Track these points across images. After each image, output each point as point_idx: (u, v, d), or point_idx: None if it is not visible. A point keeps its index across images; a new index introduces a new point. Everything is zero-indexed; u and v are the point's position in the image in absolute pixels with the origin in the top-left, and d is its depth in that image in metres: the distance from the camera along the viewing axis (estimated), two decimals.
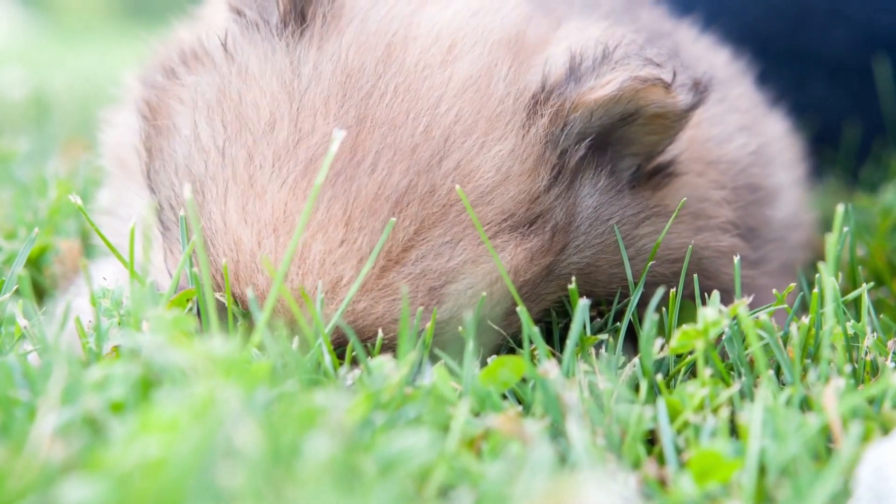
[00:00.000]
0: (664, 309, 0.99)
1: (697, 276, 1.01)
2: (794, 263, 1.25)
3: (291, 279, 0.91)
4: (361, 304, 0.92)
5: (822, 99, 1.83)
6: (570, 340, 0.90)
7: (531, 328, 0.90)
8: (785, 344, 0.95)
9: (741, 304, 0.89)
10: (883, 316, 1.09)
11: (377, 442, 0.73)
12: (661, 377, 0.90)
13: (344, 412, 0.72)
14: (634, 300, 0.99)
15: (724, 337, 0.93)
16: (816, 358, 0.93)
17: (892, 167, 1.79)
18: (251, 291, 0.88)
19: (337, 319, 0.90)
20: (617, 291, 1.02)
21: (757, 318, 0.93)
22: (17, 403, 0.76)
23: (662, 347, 0.93)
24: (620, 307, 1.02)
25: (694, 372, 0.92)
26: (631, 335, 0.99)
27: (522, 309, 0.91)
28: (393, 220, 0.90)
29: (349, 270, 0.91)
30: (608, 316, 1.02)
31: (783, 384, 0.92)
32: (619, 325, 0.99)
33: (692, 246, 1.03)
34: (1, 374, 0.77)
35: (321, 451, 0.65)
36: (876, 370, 0.93)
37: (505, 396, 0.89)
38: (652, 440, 0.85)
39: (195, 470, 0.62)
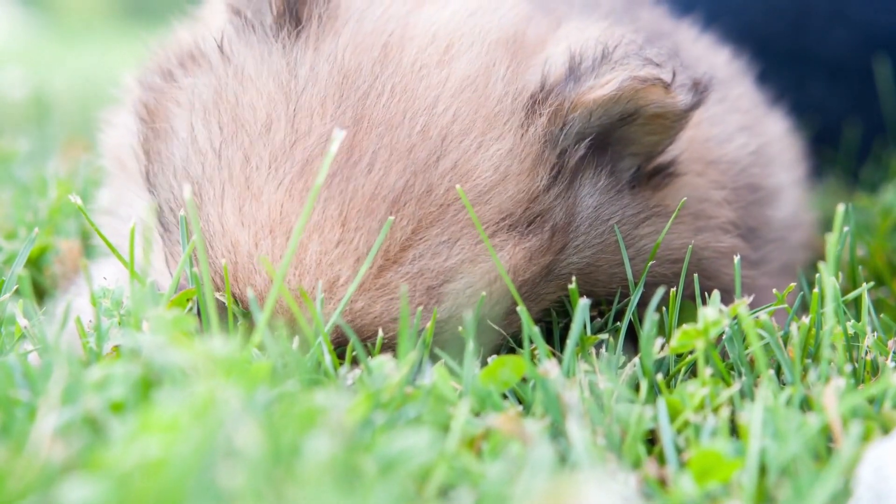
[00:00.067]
0: (664, 309, 0.99)
1: (698, 276, 1.01)
2: (794, 263, 1.25)
3: (289, 279, 0.91)
4: (359, 303, 0.92)
5: (822, 99, 1.83)
6: (570, 340, 0.90)
7: (531, 328, 0.90)
8: (785, 344, 0.95)
9: (741, 303, 0.89)
10: (883, 315, 1.09)
11: (377, 442, 0.73)
12: (661, 377, 0.90)
13: (344, 412, 0.72)
14: (634, 300, 0.99)
15: (724, 337, 0.93)
16: (817, 358, 0.93)
17: (892, 167, 1.79)
18: (251, 291, 0.88)
19: (336, 319, 0.90)
20: (617, 291, 1.02)
21: (757, 317, 0.93)
22: (17, 403, 0.76)
23: (663, 347, 0.93)
24: (621, 307, 1.02)
25: (694, 372, 0.92)
26: (631, 335, 0.99)
27: (522, 308, 0.91)
28: (391, 218, 0.90)
29: (346, 270, 0.91)
30: (608, 316, 1.02)
31: (783, 384, 0.92)
32: (619, 324, 0.99)
33: (693, 246, 1.03)
34: (1, 374, 0.77)
35: (321, 451, 0.65)
36: (876, 370, 0.93)
37: (505, 396, 0.89)
38: (652, 440, 0.85)
39: (195, 470, 0.62)
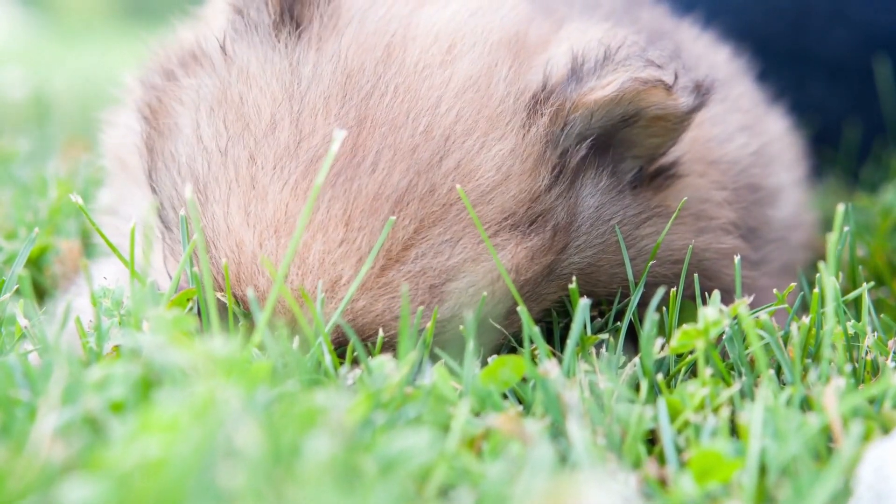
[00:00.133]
0: (665, 309, 0.99)
1: (698, 276, 1.01)
2: (794, 263, 1.25)
3: (291, 279, 0.91)
4: (361, 302, 0.92)
5: (822, 99, 1.83)
6: (570, 340, 0.90)
7: (532, 328, 0.90)
8: (785, 344, 0.95)
9: (742, 303, 0.89)
10: (883, 315, 1.09)
11: (377, 442, 0.73)
12: (661, 377, 0.90)
13: (344, 412, 0.72)
14: (635, 300, 0.99)
15: (724, 337, 0.93)
16: (817, 358, 0.93)
17: (892, 167, 1.79)
18: (251, 292, 0.88)
19: (336, 318, 0.90)
20: (618, 291, 1.02)
21: (757, 317, 0.93)
22: (17, 403, 0.76)
23: (663, 347, 0.93)
24: (621, 307, 1.02)
25: (694, 372, 0.92)
26: (631, 335, 0.99)
27: (523, 308, 0.91)
28: (392, 218, 0.90)
29: (348, 270, 0.91)
30: (609, 316, 1.02)
31: (784, 384, 0.92)
32: (619, 324, 0.99)
33: (694, 247, 1.03)
34: (1, 374, 0.77)
35: (322, 450, 0.65)
36: (876, 370, 0.93)
37: (505, 396, 0.89)
38: (652, 440, 0.85)
39: (195, 470, 0.62)
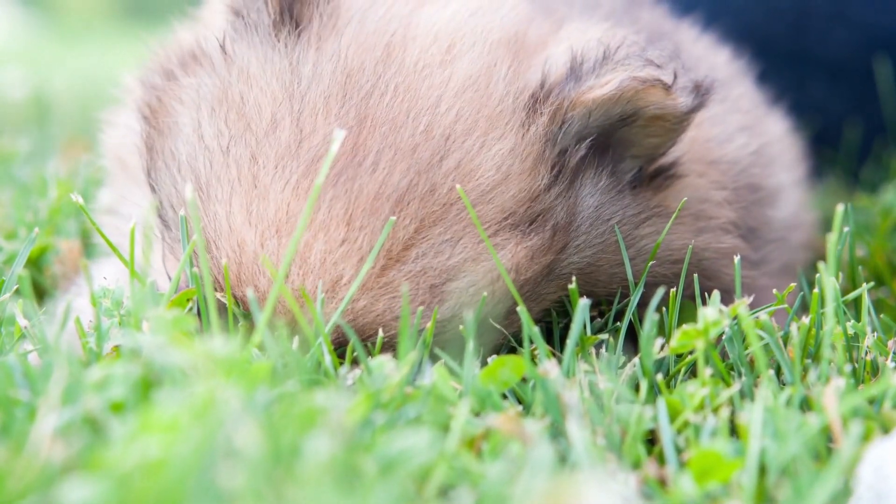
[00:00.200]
0: (664, 309, 0.99)
1: (698, 276, 1.01)
2: (794, 264, 1.25)
3: (292, 279, 0.91)
4: (361, 302, 0.92)
5: (822, 99, 1.83)
6: (570, 340, 0.90)
7: (531, 328, 0.90)
8: (785, 344, 0.95)
9: (741, 303, 0.89)
10: (883, 316, 1.09)
11: (377, 442, 0.73)
12: (661, 377, 0.90)
13: (344, 412, 0.72)
14: (635, 300, 0.99)
15: (724, 337, 0.93)
16: (817, 358, 0.93)
17: (892, 167, 1.79)
18: (251, 292, 0.88)
19: (337, 318, 0.90)
20: (617, 291, 1.02)
21: (757, 317, 0.93)
22: (17, 403, 0.76)
23: (663, 347, 0.93)
24: (621, 307, 1.02)
25: (694, 372, 0.92)
26: (631, 335, 0.99)
27: (523, 308, 0.91)
28: (392, 218, 0.90)
29: (349, 270, 0.91)
30: (608, 316, 1.02)
31: (783, 384, 0.92)
32: (619, 324, 0.99)
33: (694, 247, 1.03)
34: (1, 374, 0.77)
35: (321, 451, 0.65)
36: (876, 370, 0.93)
37: (505, 396, 0.89)
38: (652, 440, 0.85)
39: (195, 470, 0.62)
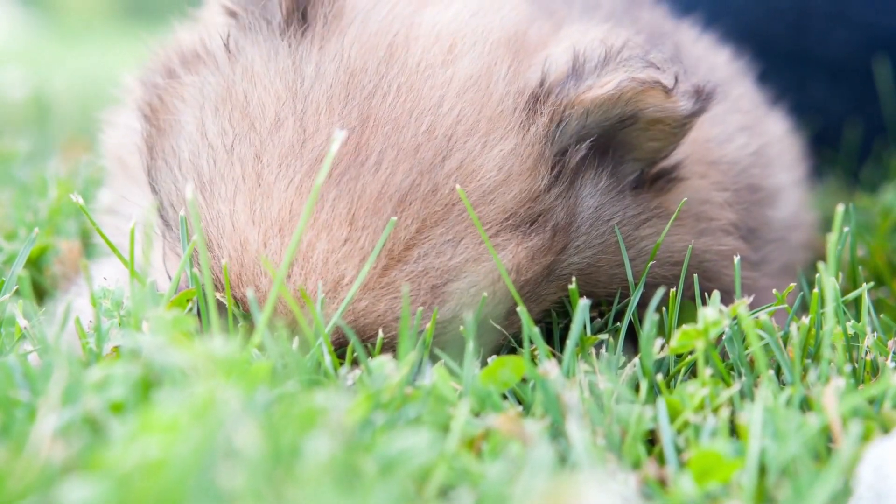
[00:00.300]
0: (664, 309, 0.99)
1: (699, 277, 1.01)
2: (794, 264, 1.25)
3: (294, 279, 0.91)
4: (363, 302, 0.92)
5: (822, 100, 1.83)
6: (570, 340, 0.90)
7: (531, 328, 0.90)
8: (785, 344, 0.95)
9: (741, 304, 0.89)
10: (883, 316, 1.09)
11: (377, 442, 0.73)
12: (661, 377, 0.90)
13: (344, 412, 0.72)
14: (635, 300, 0.99)
15: (724, 337, 0.93)
16: (817, 358, 0.93)
17: (892, 167, 1.79)
18: (251, 292, 0.88)
19: (337, 319, 0.90)
20: (617, 292, 1.02)
21: (757, 318, 0.93)
22: (17, 404, 0.76)
23: (663, 347, 0.93)
24: (621, 307, 1.02)
25: (694, 372, 0.92)
26: (631, 335, 0.99)
27: (523, 309, 0.91)
28: (393, 219, 0.90)
29: (351, 270, 0.91)
30: (608, 316, 1.02)
31: (783, 384, 0.92)
32: (619, 325, 0.99)
33: (695, 249, 1.02)
34: (1, 374, 0.77)
35: (321, 451, 0.65)
36: (876, 370, 0.93)
37: (505, 396, 0.89)
38: (652, 440, 0.85)
39: (195, 470, 0.62)
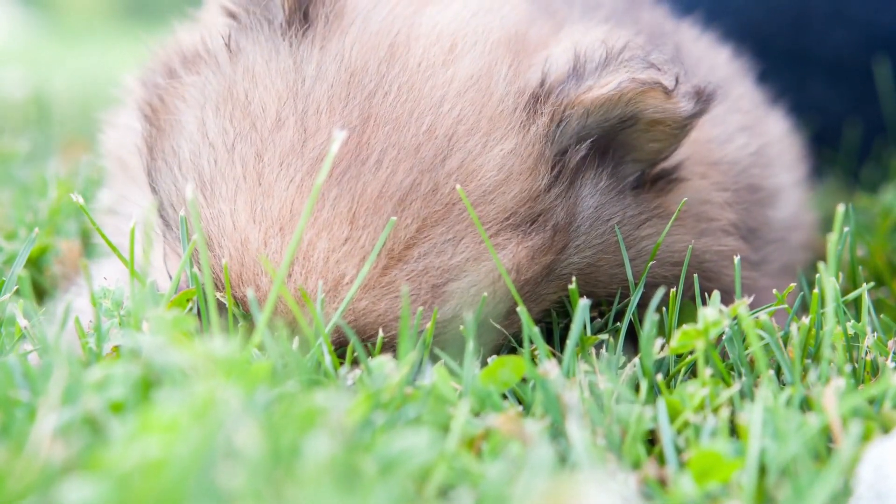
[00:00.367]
0: (664, 309, 0.99)
1: (699, 277, 1.01)
2: (794, 264, 1.25)
3: (295, 278, 0.91)
4: (363, 302, 0.92)
5: (822, 99, 1.83)
6: (570, 340, 0.90)
7: (531, 328, 0.90)
8: (785, 344, 0.95)
9: (741, 304, 0.89)
10: (883, 316, 1.09)
11: (377, 442, 0.73)
12: (661, 377, 0.90)
13: (344, 412, 0.72)
14: (635, 300, 0.99)
15: (724, 337, 0.93)
16: (817, 358, 0.93)
17: (892, 167, 1.79)
18: (251, 292, 0.88)
19: (337, 319, 0.90)
20: (617, 292, 1.02)
21: (757, 318, 0.93)
22: (17, 404, 0.76)
23: (663, 347, 0.93)
24: (621, 307, 1.02)
25: (694, 372, 0.92)
26: (631, 335, 0.99)
27: (523, 309, 0.91)
28: (393, 219, 0.90)
29: (351, 269, 0.91)
30: (608, 316, 1.02)
31: (783, 384, 0.92)
32: (619, 325, 0.99)
33: (695, 249, 1.02)
34: (1, 374, 0.77)
35: (321, 451, 0.65)
36: (876, 370, 0.93)
37: (505, 396, 0.89)
38: (652, 440, 0.85)
39: (195, 470, 0.62)
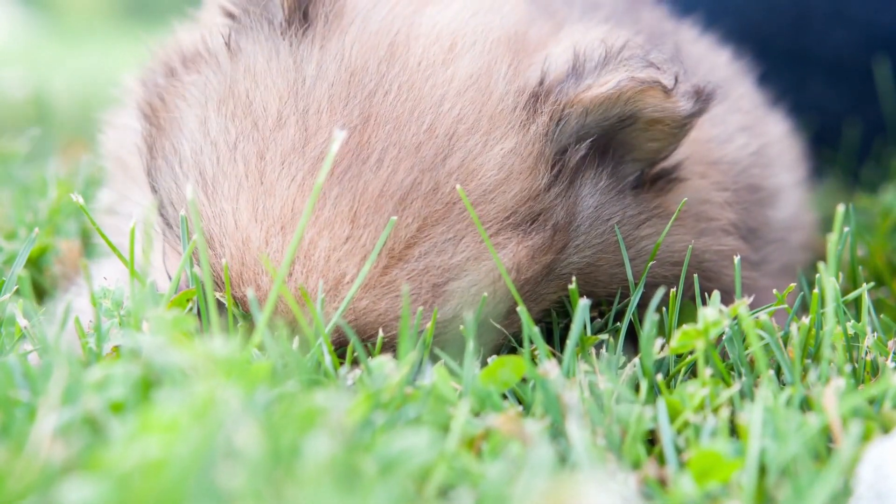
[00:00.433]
0: (664, 309, 0.99)
1: (699, 277, 1.01)
2: (794, 264, 1.25)
3: (296, 277, 0.91)
4: (364, 301, 0.92)
5: (822, 99, 1.83)
6: (570, 340, 0.90)
7: (531, 328, 0.90)
8: (785, 344, 0.95)
9: (741, 304, 0.89)
10: (883, 316, 1.09)
11: (377, 442, 0.73)
12: (661, 377, 0.90)
13: (344, 412, 0.72)
14: (635, 300, 0.99)
15: (724, 337, 0.93)
16: (817, 358, 0.93)
17: (892, 167, 1.79)
18: (251, 292, 0.88)
19: (337, 318, 0.90)
20: (617, 292, 1.02)
21: (757, 318, 0.93)
22: (17, 404, 0.76)
23: (663, 347, 0.93)
24: (621, 307, 1.02)
25: (694, 372, 0.92)
26: (631, 335, 0.99)
27: (523, 308, 0.91)
28: (394, 218, 0.90)
29: (352, 268, 0.91)
30: (608, 316, 1.02)
31: (783, 384, 0.92)
32: (619, 325, 0.99)
33: (695, 249, 1.02)
34: (1, 374, 0.77)
35: (321, 451, 0.65)
36: (876, 370, 0.93)
37: (505, 396, 0.89)
38: (652, 440, 0.85)
39: (195, 470, 0.62)
